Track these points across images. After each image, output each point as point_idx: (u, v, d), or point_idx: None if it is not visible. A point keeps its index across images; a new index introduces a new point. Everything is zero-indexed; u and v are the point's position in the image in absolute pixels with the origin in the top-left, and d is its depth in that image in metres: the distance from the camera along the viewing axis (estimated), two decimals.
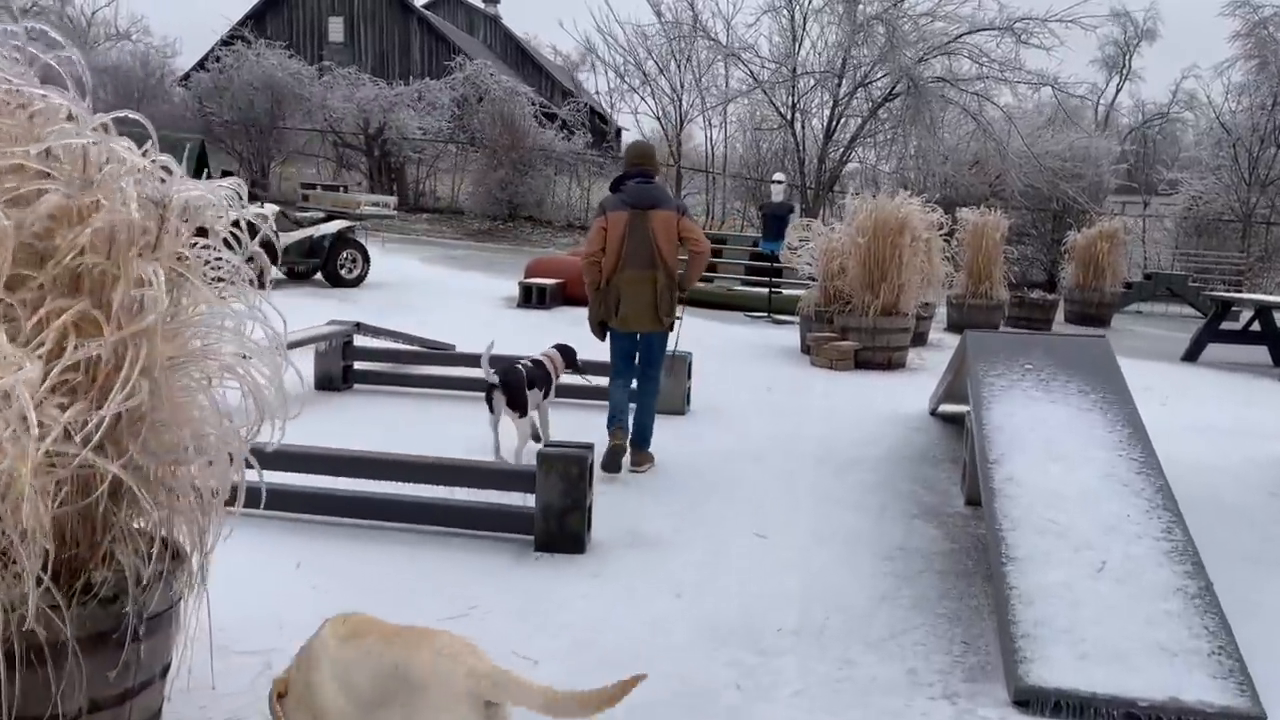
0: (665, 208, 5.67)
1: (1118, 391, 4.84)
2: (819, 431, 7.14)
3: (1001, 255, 13.25)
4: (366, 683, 2.28)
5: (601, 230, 5.70)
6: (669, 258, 5.67)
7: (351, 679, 2.31)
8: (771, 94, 24.93)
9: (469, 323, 11.62)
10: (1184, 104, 40.06)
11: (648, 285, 5.65)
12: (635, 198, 5.65)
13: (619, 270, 5.67)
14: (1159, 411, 8.25)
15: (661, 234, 5.60)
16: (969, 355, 5.32)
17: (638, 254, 5.61)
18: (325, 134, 27.25)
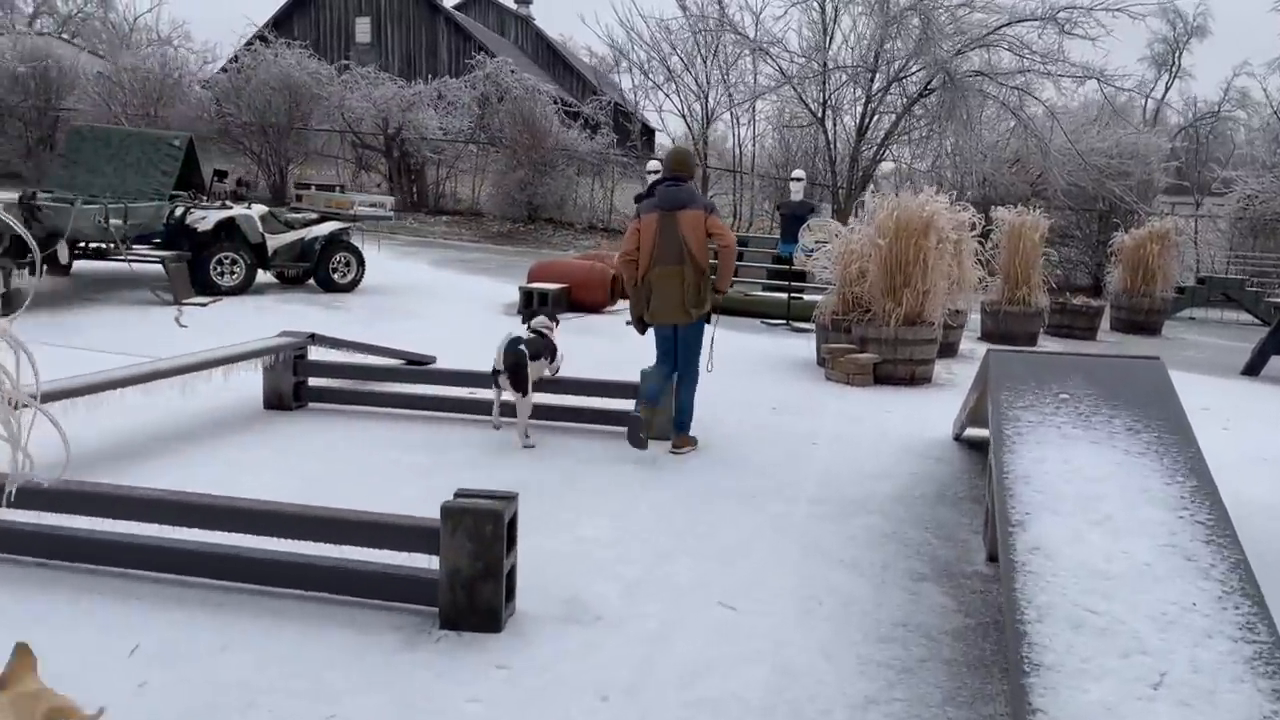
0: (693, 207, 6.04)
1: (1177, 429, 3.87)
2: (824, 462, 6.21)
3: (1041, 258, 12.18)
4: None
5: (635, 231, 6.23)
6: (697, 254, 6.02)
7: None
8: (801, 90, 23.95)
9: (462, 331, 10.86)
10: (1236, 102, 38.56)
11: (676, 280, 6.04)
12: (664, 200, 6.09)
13: (651, 267, 6.12)
14: (1221, 439, 7.24)
15: (690, 232, 5.99)
16: (990, 381, 4.38)
17: (667, 252, 6.03)
18: (344, 134, 26.67)
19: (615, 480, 5.60)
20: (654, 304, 6.20)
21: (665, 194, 6.10)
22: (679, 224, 5.96)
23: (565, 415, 6.80)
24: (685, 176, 6.21)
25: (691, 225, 5.97)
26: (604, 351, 9.94)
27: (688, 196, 6.08)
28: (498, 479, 5.45)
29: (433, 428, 6.64)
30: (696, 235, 5.98)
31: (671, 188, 6.12)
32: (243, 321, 10.24)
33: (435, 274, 16.27)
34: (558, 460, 5.96)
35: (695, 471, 5.85)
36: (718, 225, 6.11)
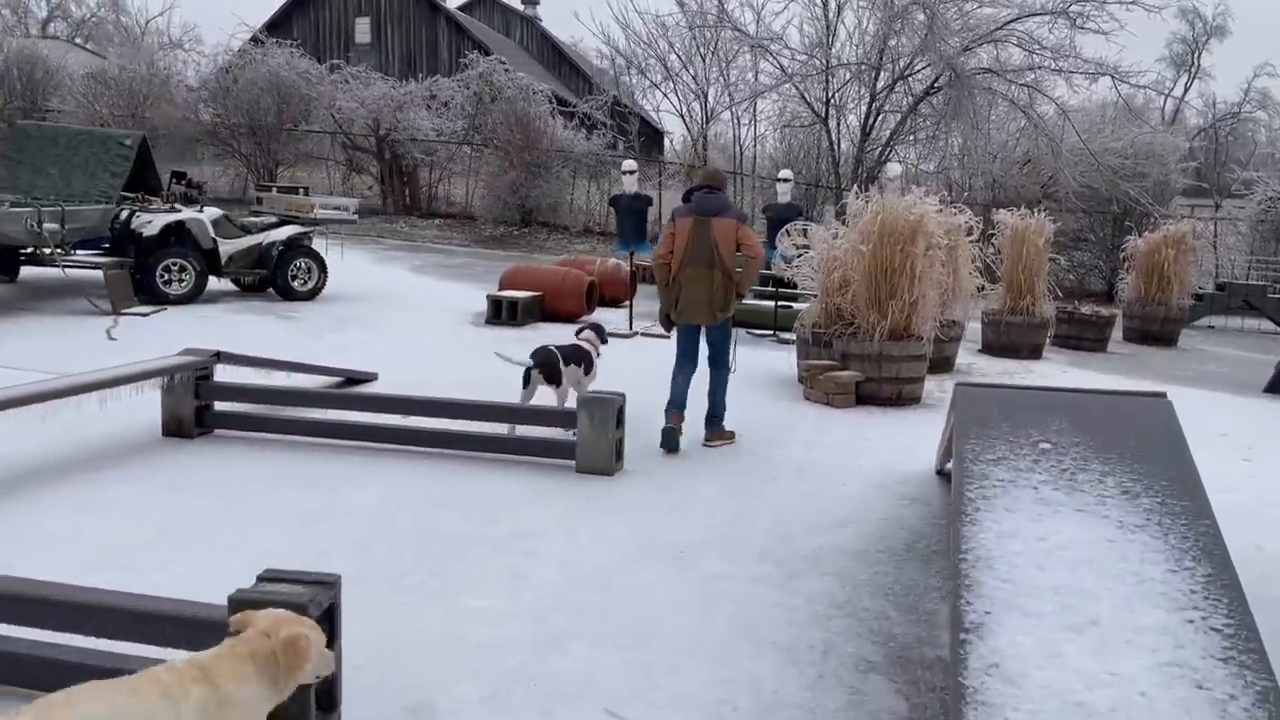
0: (727, 216, 6.39)
1: (1187, 491, 3.05)
2: (782, 502, 5.40)
3: (1046, 264, 11.32)
4: None
5: (670, 235, 6.52)
6: (726, 260, 6.33)
7: None
8: (803, 88, 23.09)
9: (421, 344, 10.10)
10: (1256, 102, 37.55)
11: (705, 283, 6.34)
12: (701, 206, 6.43)
13: (682, 268, 6.40)
14: (1240, 473, 6.39)
15: (721, 239, 6.30)
16: (956, 426, 3.58)
17: (699, 255, 6.33)
18: (335, 136, 25.98)
19: (532, 528, 4.81)
20: (682, 304, 6.47)
21: (702, 201, 6.45)
22: (712, 230, 6.29)
23: (495, 446, 6.02)
24: (719, 186, 6.62)
25: (723, 232, 6.30)
26: None
27: (723, 204, 6.46)
28: (393, 528, 4.70)
29: (349, 461, 5.86)
30: (727, 242, 6.31)
31: (709, 195, 6.49)
32: (182, 333, 9.49)
33: (412, 280, 15.53)
34: (475, 501, 5.18)
35: (631, 515, 5.05)
36: (748, 236, 6.45)
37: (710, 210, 6.36)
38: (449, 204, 26.60)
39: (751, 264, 6.55)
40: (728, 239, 6.32)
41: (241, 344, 9.27)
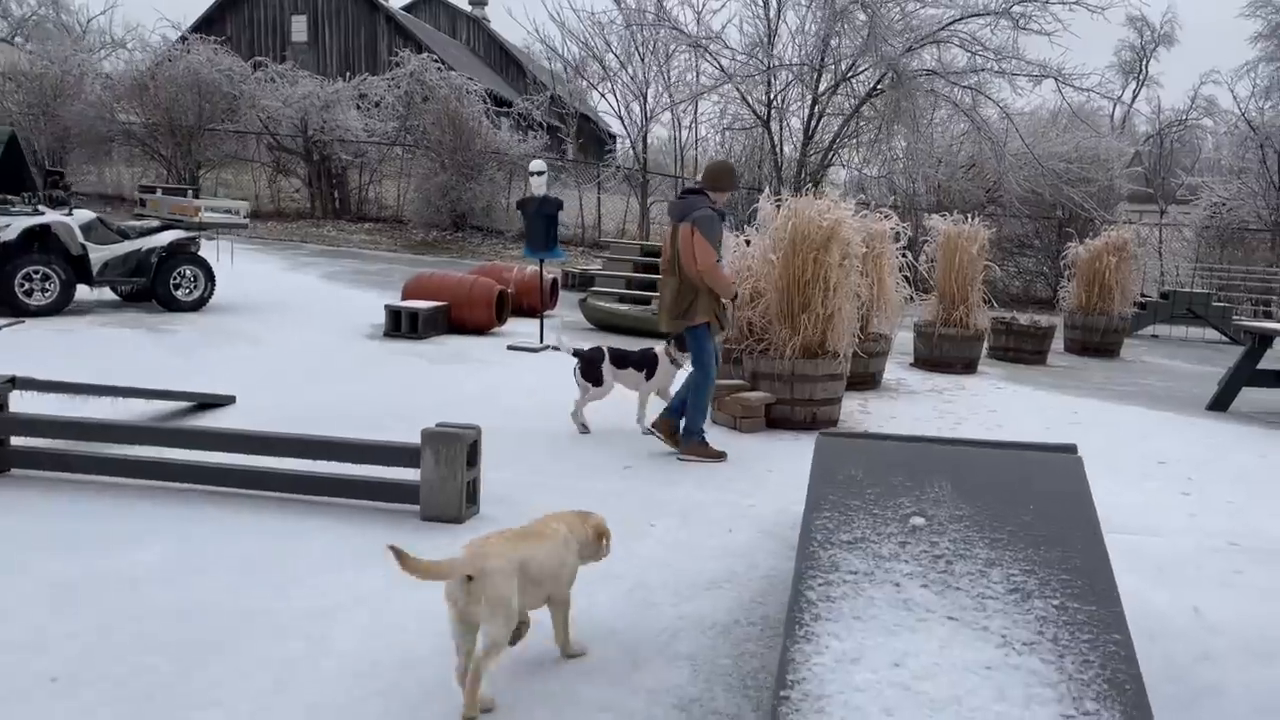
0: (686, 220, 6.22)
1: (1095, 591, 2.31)
2: (652, 558, 4.61)
3: (981, 272, 10.66)
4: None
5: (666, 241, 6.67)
6: (685, 265, 6.23)
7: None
8: (745, 90, 22.40)
9: (303, 360, 9.21)
10: (1203, 110, 37.64)
11: (667, 290, 6.46)
12: (671, 210, 6.67)
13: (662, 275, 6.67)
14: (1179, 509, 5.73)
15: (682, 244, 6.24)
16: (809, 493, 2.81)
17: (669, 261, 6.42)
18: (260, 136, 24.90)
19: (334, 600, 3.98)
20: (658, 310, 6.90)
21: (672, 205, 6.65)
22: (677, 235, 6.27)
23: (332, 489, 5.18)
24: (705, 188, 6.33)
25: (683, 237, 6.20)
26: (476, 385, 8.34)
27: (688, 207, 6.27)
28: (151, 605, 3.77)
29: (148, 510, 4.98)
30: (685, 247, 6.18)
31: (680, 199, 6.52)
32: (34, 350, 8.55)
33: (320, 288, 14.60)
34: (280, 562, 4.34)
35: None
36: (686, 239, 6.17)
37: (677, 214, 6.35)
38: (380, 207, 25.65)
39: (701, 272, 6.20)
40: (685, 244, 6.19)
41: (99, 361, 8.38)
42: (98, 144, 24.39)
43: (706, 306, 6.26)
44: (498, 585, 3.14)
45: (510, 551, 3.27)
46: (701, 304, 6.25)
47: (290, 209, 25.05)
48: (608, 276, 15.36)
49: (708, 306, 6.26)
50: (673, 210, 6.47)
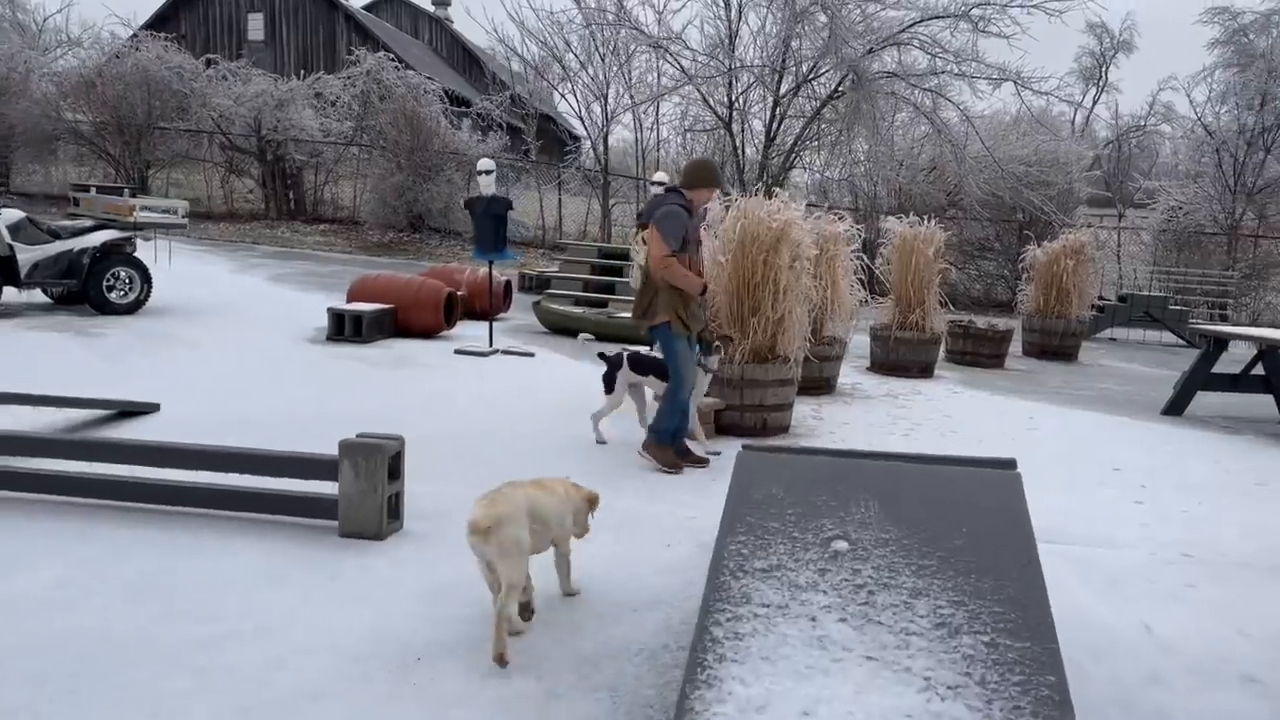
0: (652, 219, 6.04)
1: (1029, 626, 2.09)
2: (583, 577, 4.36)
3: (937, 275, 10.51)
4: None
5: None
6: (650, 264, 6.06)
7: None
8: (706, 91, 22.22)
9: (241, 366, 8.88)
10: (1161, 116, 38.04)
11: (639, 290, 6.28)
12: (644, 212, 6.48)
13: None
14: (1132, 518, 5.56)
15: (649, 243, 6.11)
16: (725, 514, 2.59)
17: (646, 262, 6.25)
18: (212, 136, 24.37)
19: (231, 627, 3.69)
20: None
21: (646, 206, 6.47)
22: (649, 235, 6.13)
23: (247, 504, 4.88)
24: (681, 186, 6.09)
25: (649, 236, 6.10)
26: (418, 391, 8.01)
27: (653, 206, 6.12)
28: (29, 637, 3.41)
29: (45, 529, 4.66)
30: (650, 245, 6.09)
31: (654, 199, 6.38)
32: None
33: (267, 290, 14.21)
34: (182, 585, 4.05)
35: (377, 601, 3.96)
36: (650, 238, 6.04)
37: (647, 215, 6.21)
38: (336, 208, 25.21)
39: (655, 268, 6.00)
40: (650, 242, 6.12)
41: (23, 367, 8.01)
42: (43, 143, 23.77)
43: (666, 304, 5.99)
44: (509, 531, 3.57)
45: (519, 498, 3.74)
46: (661, 302, 6.00)
47: (243, 210, 24.55)
48: (564, 279, 15.09)
49: (668, 304, 5.99)
50: (645, 211, 6.34)
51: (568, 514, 4.02)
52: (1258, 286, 21.33)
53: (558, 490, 4.04)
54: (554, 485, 4.06)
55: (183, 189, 24.77)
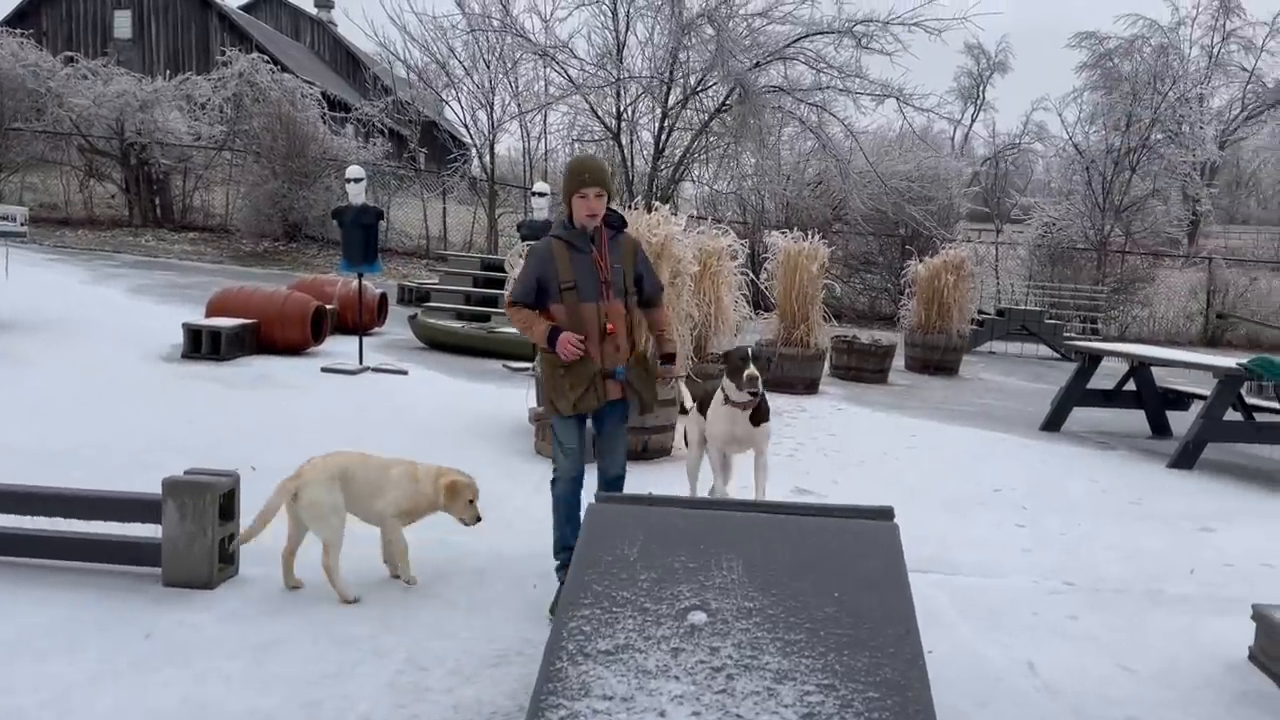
0: None
1: (905, 710, 1.80)
2: (432, 626, 3.97)
3: (821, 291, 10.43)
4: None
5: None
6: None
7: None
8: (594, 101, 21.97)
9: (82, 388, 8.15)
10: (1035, 134, 39.56)
11: None
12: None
13: None
14: (1015, 543, 5.45)
15: None
16: (568, 583, 2.26)
17: None
18: (71, 137, 22.96)
19: (11, 702, 3.18)
20: None
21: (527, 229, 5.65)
22: None
23: (45, 549, 4.32)
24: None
25: None
26: (278, 414, 7.42)
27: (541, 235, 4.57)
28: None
29: None
30: None
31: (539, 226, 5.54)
32: None
33: (123, 303, 13.32)
34: None
35: (190, 666, 3.49)
36: None
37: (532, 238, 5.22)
38: (207, 215, 24.05)
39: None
40: None
41: None
42: None
43: (544, 374, 4.29)
44: (315, 494, 4.05)
45: (330, 463, 4.15)
46: (542, 368, 4.34)
47: (105, 216, 23.19)
48: (445, 291, 14.59)
49: (544, 374, 4.29)
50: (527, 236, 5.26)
51: (390, 491, 4.23)
52: (1125, 300, 22.16)
53: (389, 468, 4.28)
54: (386, 461, 4.32)
55: (39, 194, 23.29)
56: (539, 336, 4.09)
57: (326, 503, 4.08)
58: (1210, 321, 22.23)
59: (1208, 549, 5.61)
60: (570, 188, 4.07)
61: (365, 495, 4.21)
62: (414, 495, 4.30)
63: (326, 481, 4.09)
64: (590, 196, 4.03)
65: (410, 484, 4.30)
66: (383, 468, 4.30)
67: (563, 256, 4.06)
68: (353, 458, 4.28)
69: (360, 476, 4.20)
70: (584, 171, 4.06)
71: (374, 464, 4.30)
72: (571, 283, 4.05)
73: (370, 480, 4.23)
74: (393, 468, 4.32)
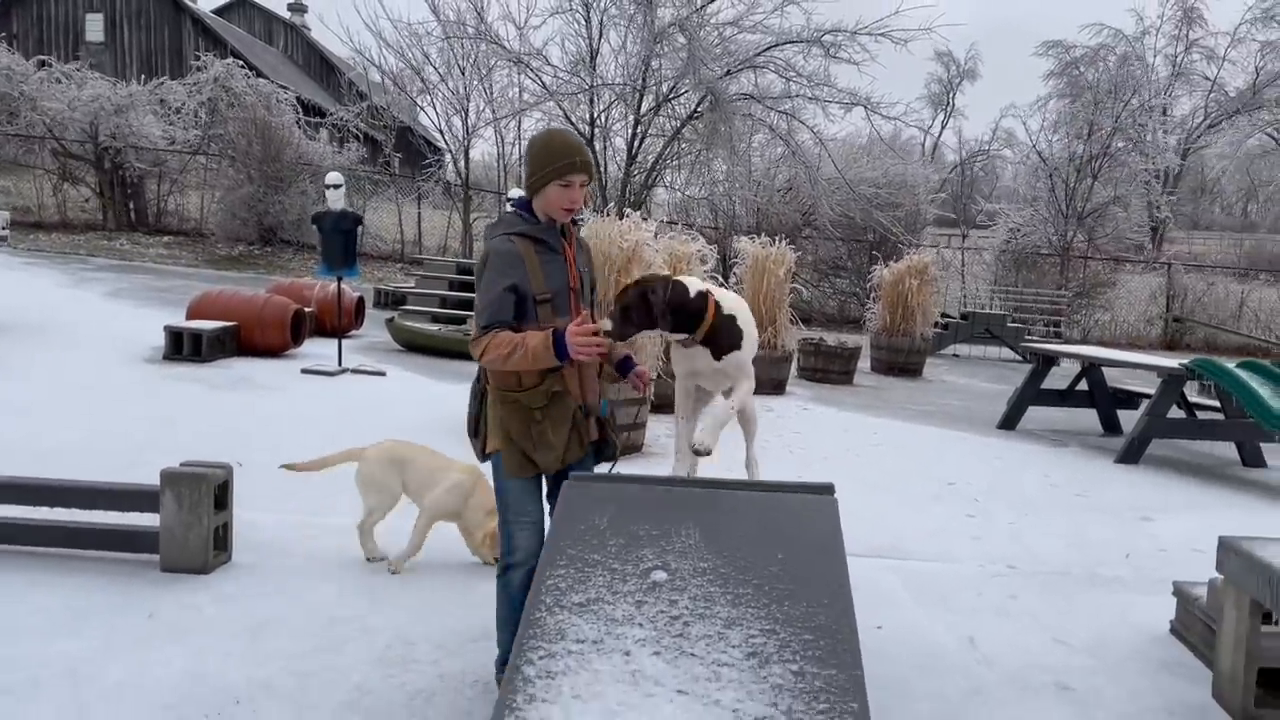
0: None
1: (835, 652, 2.13)
2: (416, 604, 4.25)
3: (788, 295, 10.77)
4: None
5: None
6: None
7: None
8: (568, 108, 22.26)
9: (64, 389, 8.32)
10: (1003, 141, 40.29)
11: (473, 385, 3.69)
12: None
13: None
14: (964, 531, 5.78)
15: None
16: (546, 547, 2.56)
17: None
18: (44, 141, 22.97)
19: (27, 674, 3.42)
20: None
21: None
22: None
23: (60, 539, 4.55)
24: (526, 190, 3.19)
25: None
26: (258, 414, 7.64)
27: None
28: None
29: None
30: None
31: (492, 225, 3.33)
32: None
33: (101, 307, 13.45)
34: None
35: (194, 640, 3.74)
36: None
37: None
38: (182, 219, 24.11)
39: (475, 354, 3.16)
40: None
41: None
42: None
43: (495, 419, 3.20)
44: (371, 469, 4.60)
45: (394, 449, 4.67)
46: (492, 415, 3.22)
47: (78, 220, 23.21)
48: (420, 295, 14.81)
49: (497, 419, 3.20)
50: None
51: (439, 492, 4.56)
52: (1087, 305, 22.70)
53: (450, 470, 4.61)
54: (450, 464, 4.64)
55: (11, 197, 23.27)
56: (538, 353, 2.96)
57: (378, 478, 4.58)
58: (1169, 325, 22.82)
59: (1145, 537, 5.98)
60: (549, 171, 3.08)
61: (419, 485, 4.59)
62: (455, 511, 4.62)
63: (386, 462, 4.59)
64: (575, 185, 3.10)
65: (457, 499, 4.59)
66: (444, 468, 4.61)
67: (532, 259, 3.10)
68: (419, 449, 4.70)
69: (421, 465, 4.61)
70: (572, 154, 3.10)
71: (438, 461, 4.65)
72: (548, 294, 3.11)
73: (428, 472, 4.60)
74: (453, 472, 4.60)
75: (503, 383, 3.16)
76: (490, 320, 3.05)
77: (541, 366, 3.01)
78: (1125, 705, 3.62)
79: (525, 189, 3.18)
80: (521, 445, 3.16)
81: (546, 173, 3.08)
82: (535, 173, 3.11)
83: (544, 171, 3.08)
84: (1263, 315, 23.09)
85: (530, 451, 3.16)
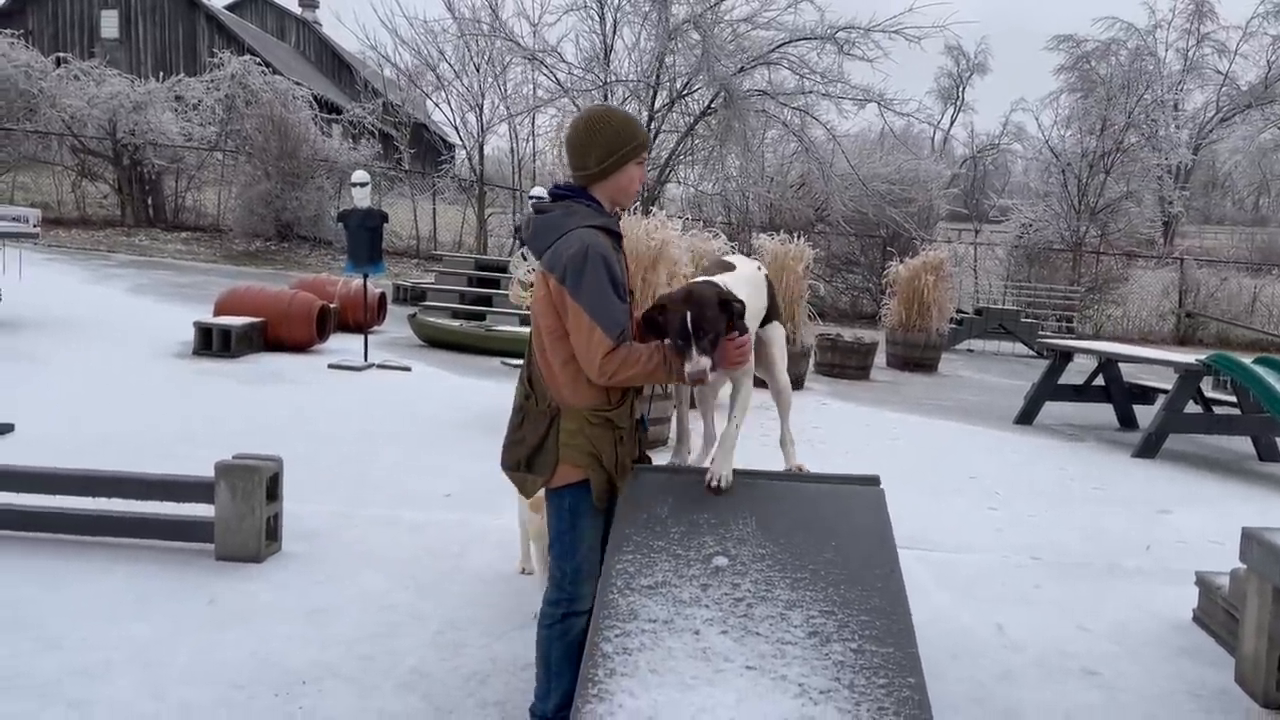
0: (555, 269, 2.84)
1: (892, 633, 2.28)
2: (465, 594, 4.41)
3: (806, 291, 10.91)
4: None
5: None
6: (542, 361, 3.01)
7: None
8: (584, 104, 22.38)
9: (100, 383, 8.51)
10: (1014, 135, 40.28)
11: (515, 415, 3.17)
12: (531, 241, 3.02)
13: None
14: (986, 524, 5.92)
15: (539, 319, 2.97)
16: (613, 534, 2.70)
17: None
18: (63, 138, 23.19)
19: (102, 656, 3.59)
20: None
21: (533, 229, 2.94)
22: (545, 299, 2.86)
23: (115, 528, 4.73)
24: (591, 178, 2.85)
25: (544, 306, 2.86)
26: (290, 408, 7.81)
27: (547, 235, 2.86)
28: None
29: None
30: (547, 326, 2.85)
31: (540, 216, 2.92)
32: None
33: (125, 302, 13.66)
34: (50, 613, 3.91)
35: (256, 625, 3.91)
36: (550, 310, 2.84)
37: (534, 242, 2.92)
38: (199, 215, 24.33)
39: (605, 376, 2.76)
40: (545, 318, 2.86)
41: None
42: None
43: (582, 444, 2.79)
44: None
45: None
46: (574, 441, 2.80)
47: (97, 216, 23.44)
48: (440, 291, 14.99)
49: (584, 443, 2.79)
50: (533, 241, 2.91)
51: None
52: (1100, 300, 22.77)
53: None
54: None
55: (30, 193, 23.50)
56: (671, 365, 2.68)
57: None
58: (1181, 320, 22.88)
59: (1164, 529, 6.12)
60: (629, 150, 2.82)
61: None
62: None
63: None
64: (642, 170, 2.90)
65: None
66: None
67: (613, 257, 2.79)
68: None
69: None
70: (643, 131, 2.90)
71: None
72: (631, 294, 2.89)
73: None
74: None
75: (593, 401, 2.79)
76: (621, 330, 2.70)
77: (662, 381, 2.73)
78: (1150, 688, 3.77)
79: (588, 175, 2.82)
80: (609, 470, 2.78)
81: (626, 152, 2.81)
82: (613, 153, 2.79)
83: (624, 150, 2.80)
84: (1275, 310, 23.12)
85: (617, 477, 2.81)
